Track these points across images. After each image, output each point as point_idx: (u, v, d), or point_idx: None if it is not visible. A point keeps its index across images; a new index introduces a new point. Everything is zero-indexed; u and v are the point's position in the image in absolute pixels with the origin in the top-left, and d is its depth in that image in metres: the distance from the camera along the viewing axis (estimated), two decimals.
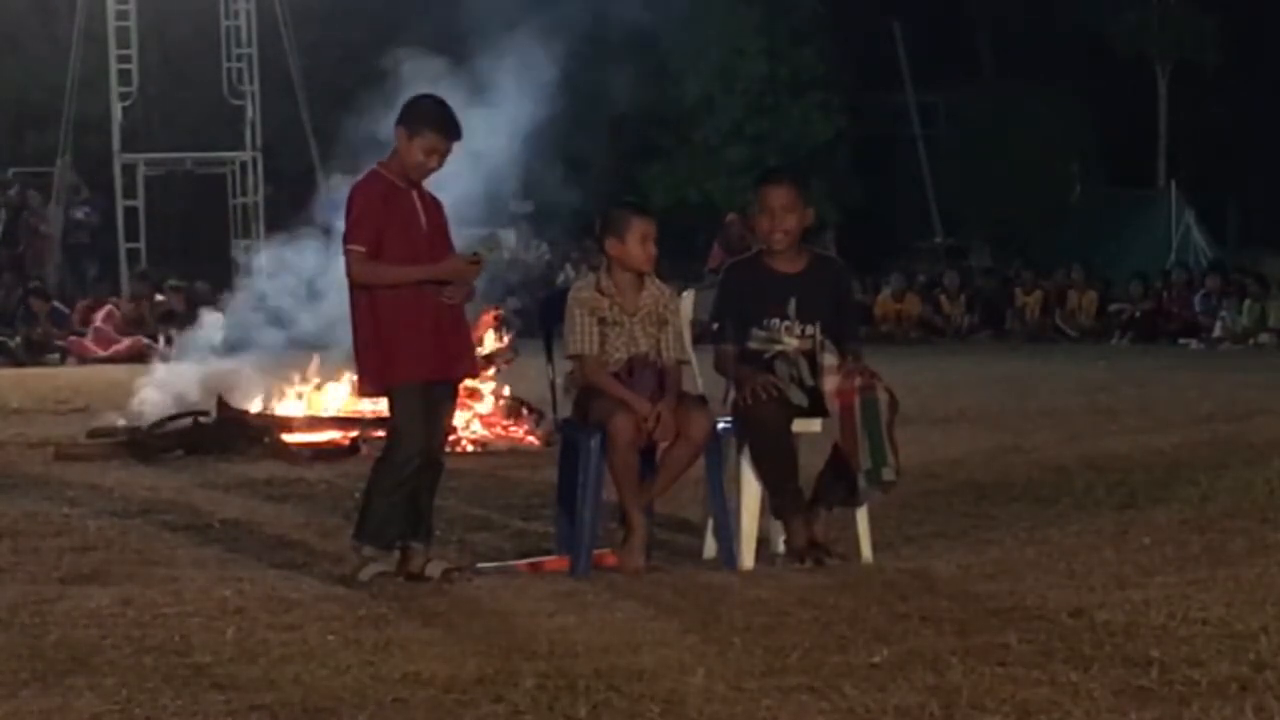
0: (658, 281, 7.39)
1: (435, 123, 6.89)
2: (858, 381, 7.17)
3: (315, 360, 11.94)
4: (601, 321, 7.24)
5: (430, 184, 7.05)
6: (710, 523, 7.39)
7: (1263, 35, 31.07)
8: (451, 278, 6.84)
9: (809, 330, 7.37)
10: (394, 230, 6.80)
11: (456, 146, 6.98)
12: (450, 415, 7.32)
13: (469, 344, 7.41)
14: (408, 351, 6.77)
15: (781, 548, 7.35)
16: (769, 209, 7.44)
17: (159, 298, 23.26)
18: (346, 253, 6.78)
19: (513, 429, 11.58)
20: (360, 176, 6.99)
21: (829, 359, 7.27)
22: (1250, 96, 32.05)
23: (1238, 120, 32.56)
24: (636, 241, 7.25)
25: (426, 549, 6.92)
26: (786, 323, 7.37)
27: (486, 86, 10.95)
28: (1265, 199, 32.78)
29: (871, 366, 7.36)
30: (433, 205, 7.00)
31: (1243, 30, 30.80)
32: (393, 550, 6.85)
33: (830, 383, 7.21)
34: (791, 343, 7.34)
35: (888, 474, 7.15)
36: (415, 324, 6.79)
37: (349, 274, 6.81)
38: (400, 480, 6.82)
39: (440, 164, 6.93)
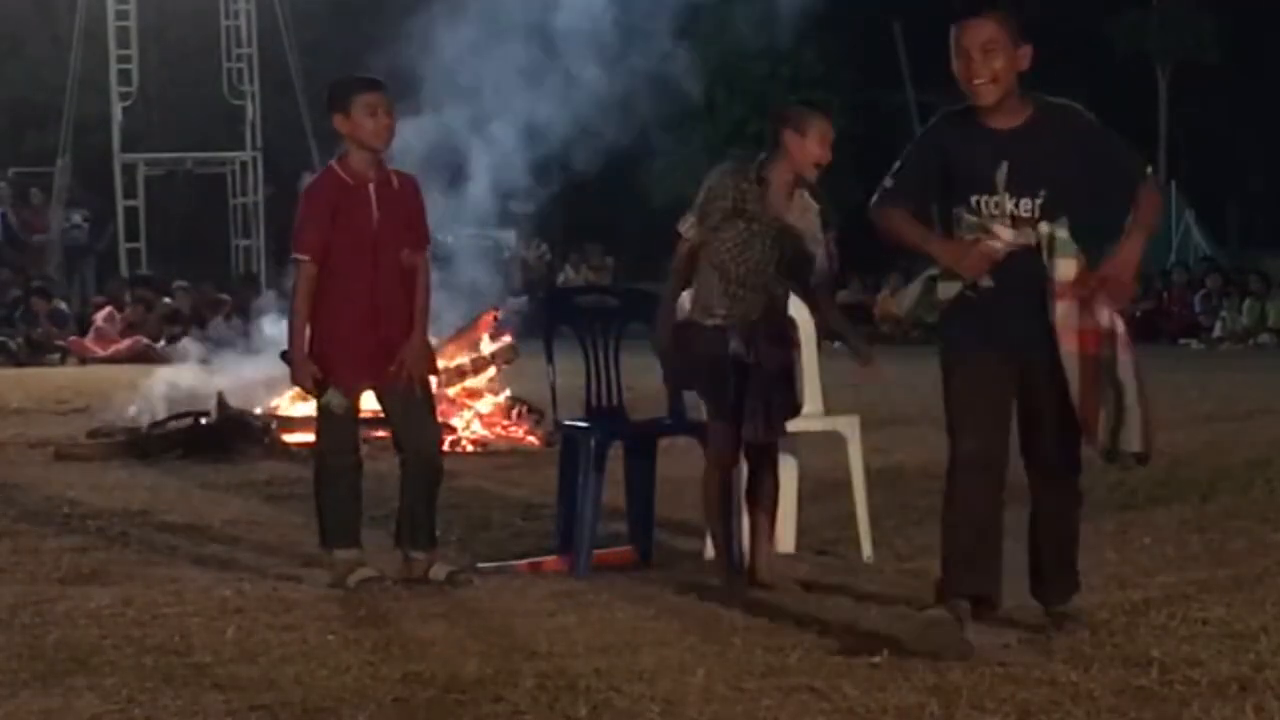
0: (808, 196, 6.71)
1: (356, 85, 6.76)
2: (1104, 323, 5.53)
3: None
4: (742, 214, 6.57)
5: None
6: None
7: (1263, 35, 31.05)
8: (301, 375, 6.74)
9: (1024, 206, 5.60)
10: (340, 230, 6.70)
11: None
12: (430, 412, 6.99)
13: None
14: (339, 360, 6.71)
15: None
16: (965, 51, 5.62)
17: (165, 300, 23.25)
18: (294, 261, 6.75)
19: (513, 429, 11.59)
20: (315, 175, 6.94)
21: (1061, 267, 5.59)
22: (1250, 96, 32.03)
23: (1238, 120, 32.53)
24: (816, 141, 6.55)
25: (429, 556, 6.86)
26: (995, 199, 5.63)
27: (487, 86, 10.97)
28: (1265, 199, 32.76)
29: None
30: (395, 194, 6.76)
31: (1243, 30, 30.78)
32: (361, 545, 6.79)
33: (1063, 314, 5.55)
34: (1005, 235, 5.60)
35: (1133, 444, 5.54)
36: (348, 336, 6.72)
37: (293, 281, 6.77)
38: (334, 475, 6.78)
39: (390, 118, 6.70)
